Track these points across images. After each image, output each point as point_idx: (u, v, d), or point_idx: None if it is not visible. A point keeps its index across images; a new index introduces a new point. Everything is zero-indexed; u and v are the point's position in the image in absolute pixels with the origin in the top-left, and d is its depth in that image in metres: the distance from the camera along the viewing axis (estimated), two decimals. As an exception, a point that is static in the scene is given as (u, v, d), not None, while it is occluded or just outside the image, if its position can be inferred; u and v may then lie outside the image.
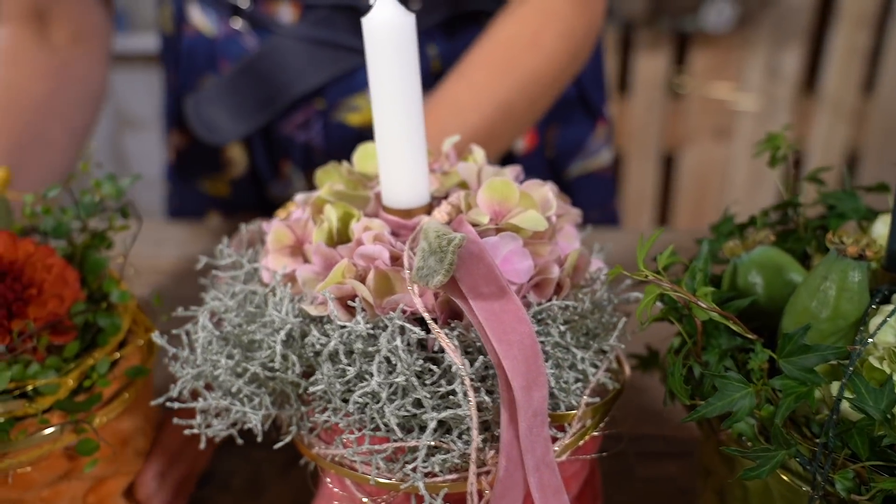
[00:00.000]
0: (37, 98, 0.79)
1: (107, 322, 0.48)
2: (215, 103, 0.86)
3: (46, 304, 0.46)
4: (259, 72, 0.83)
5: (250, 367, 0.41)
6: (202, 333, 0.42)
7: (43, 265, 0.47)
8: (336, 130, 0.86)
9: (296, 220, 0.45)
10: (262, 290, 0.44)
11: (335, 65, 0.81)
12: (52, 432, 0.45)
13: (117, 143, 2.95)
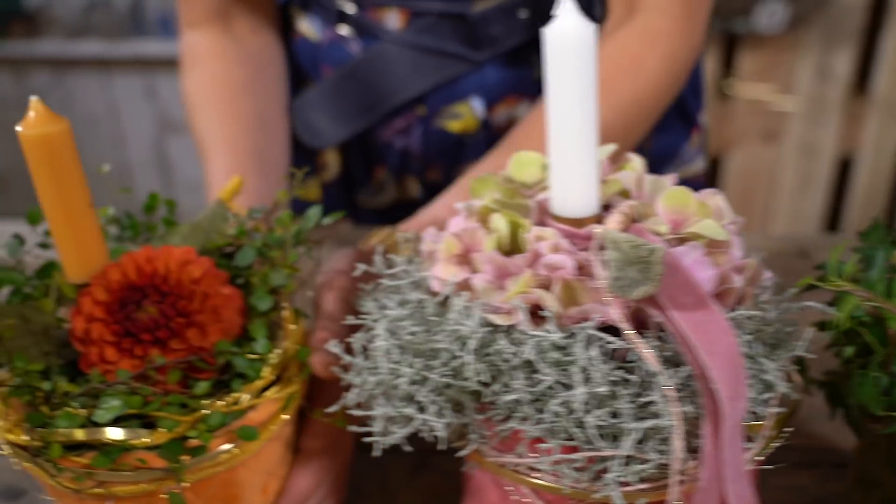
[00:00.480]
0: (245, 83, 0.85)
1: (244, 366, 0.47)
2: (318, 108, 0.87)
3: (191, 336, 0.46)
4: (362, 77, 0.84)
5: (431, 376, 0.42)
6: (382, 342, 0.43)
7: (203, 293, 0.47)
8: (436, 137, 0.86)
9: (464, 230, 0.45)
10: (433, 299, 0.44)
11: (440, 72, 0.82)
12: (155, 472, 0.44)
13: (160, 146, 2.97)
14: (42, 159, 0.46)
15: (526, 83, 0.83)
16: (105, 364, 0.45)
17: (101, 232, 0.49)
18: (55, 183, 0.46)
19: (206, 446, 0.44)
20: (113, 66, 2.85)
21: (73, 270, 0.49)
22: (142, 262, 0.48)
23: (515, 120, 0.85)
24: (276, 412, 0.47)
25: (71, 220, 0.47)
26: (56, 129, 0.45)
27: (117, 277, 0.48)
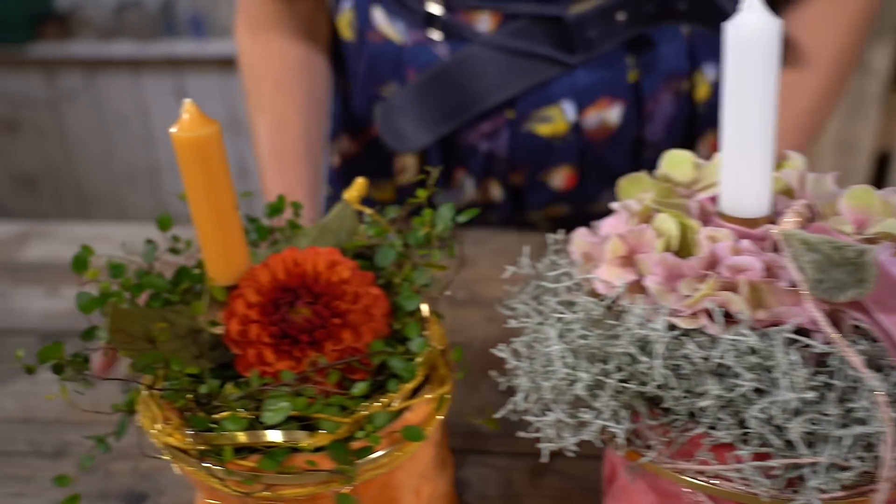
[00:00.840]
0: (301, 59, 0.92)
1: (400, 367, 0.46)
2: (403, 111, 0.86)
3: (345, 337, 0.45)
4: (450, 80, 0.83)
5: (609, 381, 0.41)
6: (556, 346, 0.42)
7: (354, 293, 0.46)
8: (523, 140, 0.85)
9: (631, 231, 0.44)
10: (600, 303, 0.43)
11: (531, 75, 0.81)
12: (321, 475, 0.43)
13: (190, 146, 2.97)
14: (194, 162, 0.45)
15: (619, 86, 0.83)
16: (264, 366, 0.44)
17: (243, 237, 0.48)
18: (206, 185, 0.45)
19: (371, 448, 0.43)
20: (143, 67, 2.85)
21: (220, 273, 0.48)
22: (290, 263, 0.47)
23: (607, 123, 0.84)
24: (430, 413, 0.47)
25: (220, 223, 0.47)
26: (209, 131, 0.44)
27: (267, 279, 0.47)
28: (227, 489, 0.43)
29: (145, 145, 3.00)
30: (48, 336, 0.81)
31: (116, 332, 0.44)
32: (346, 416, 0.44)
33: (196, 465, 0.43)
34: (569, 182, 0.89)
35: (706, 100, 0.87)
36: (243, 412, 0.43)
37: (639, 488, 0.49)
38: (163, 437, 0.44)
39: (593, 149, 0.86)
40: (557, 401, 0.43)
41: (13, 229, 1.04)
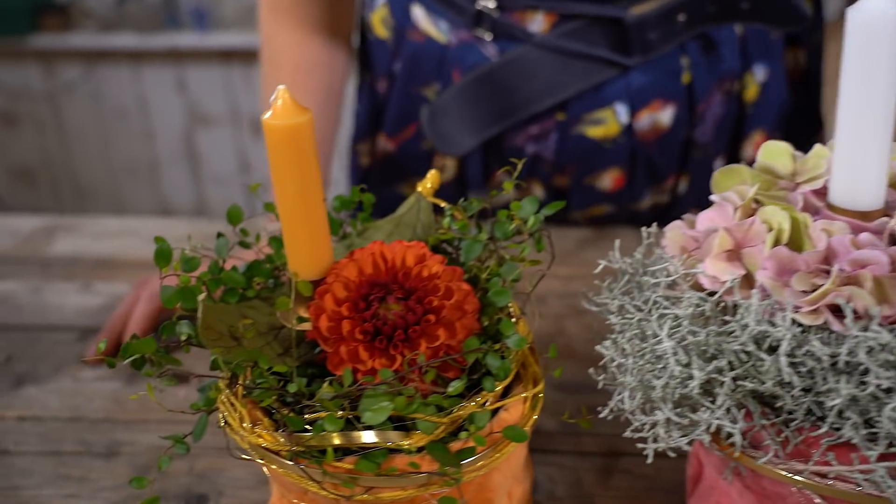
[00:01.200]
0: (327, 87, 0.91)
1: (496, 366, 0.45)
2: (449, 113, 0.83)
3: (440, 334, 0.44)
4: (500, 81, 0.81)
5: (725, 379, 0.39)
6: (667, 343, 0.40)
7: (446, 288, 0.45)
8: (573, 143, 0.83)
9: (738, 225, 0.43)
10: (709, 298, 0.42)
11: (586, 78, 0.79)
12: (420, 477, 0.41)
13: (190, 139, 2.94)
14: (286, 151, 0.43)
15: (673, 87, 0.81)
16: (358, 364, 0.43)
17: (327, 231, 0.46)
18: (296, 176, 0.44)
19: (474, 448, 0.41)
20: (143, 59, 2.82)
21: (304, 267, 0.46)
22: (378, 257, 0.46)
23: (659, 125, 0.83)
24: (526, 412, 0.45)
25: (307, 215, 0.45)
26: (302, 120, 0.42)
27: (354, 274, 0.45)
28: (325, 492, 0.41)
29: (145, 139, 2.96)
30: (88, 332, 0.79)
31: (206, 329, 0.42)
32: (443, 416, 0.42)
33: (292, 467, 0.41)
34: (616, 183, 0.87)
35: (754, 100, 0.86)
36: (338, 412, 0.41)
37: (733, 488, 0.47)
38: (253, 437, 0.42)
39: (643, 150, 0.85)
40: (665, 399, 0.41)
41: (38, 223, 1.02)
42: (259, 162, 2.94)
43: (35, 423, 0.67)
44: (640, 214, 0.93)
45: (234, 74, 2.82)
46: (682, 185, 0.90)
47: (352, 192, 0.55)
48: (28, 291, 0.86)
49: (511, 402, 0.44)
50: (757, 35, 0.82)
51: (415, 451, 0.41)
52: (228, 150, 2.97)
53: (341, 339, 0.43)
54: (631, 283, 0.48)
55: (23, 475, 0.61)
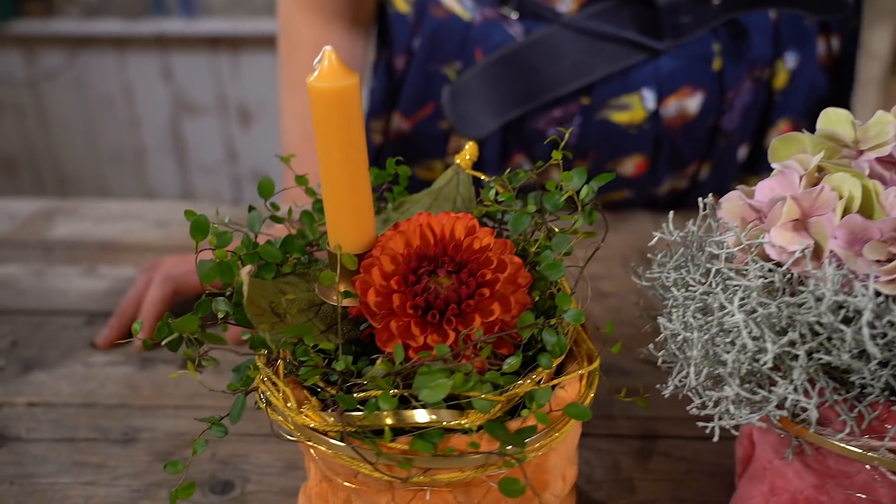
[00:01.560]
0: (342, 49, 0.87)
1: (552, 341, 0.43)
2: (471, 94, 0.81)
3: (495, 309, 0.42)
4: (525, 62, 0.78)
5: (799, 352, 0.38)
6: (738, 315, 0.38)
7: (499, 261, 0.43)
8: (596, 128, 0.81)
9: (806, 193, 0.41)
10: (777, 268, 0.40)
11: (614, 61, 0.76)
12: (477, 458, 0.39)
13: (176, 128, 2.90)
14: (332, 115, 0.41)
15: (703, 74, 0.79)
16: (409, 339, 0.41)
17: (371, 203, 0.44)
18: (342, 142, 0.41)
19: (535, 427, 0.39)
20: (128, 46, 2.76)
21: (348, 240, 0.44)
22: (426, 229, 0.44)
23: (686, 112, 0.81)
24: (582, 390, 0.43)
25: (352, 185, 0.42)
26: (349, 83, 0.40)
27: (401, 246, 0.43)
28: (378, 474, 0.39)
29: (130, 127, 2.91)
30: (95, 316, 0.76)
31: (251, 304, 0.40)
32: (499, 394, 0.40)
33: (344, 448, 0.39)
34: (638, 170, 0.85)
35: (783, 87, 0.84)
36: (392, 390, 0.39)
37: (790, 469, 0.46)
38: (300, 418, 0.40)
39: (668, 137, 0.83)
40: (733, 375, 0.40)
41: (36, 206, 0.98)
42: (246, 151, 2.91)
43: (47, 410, 0.64)
44: (657, 199, 0.91)
45: (222, 62, 2.77)
46: (704, 172, 0.88)
47: (387, 164, 0.52)
48: (30, 275, 0.83)
49: (567, 379, 0.42)
50: (790, 21, 0.80)
51: (472, 431, 0.39)
52: (215, 138, 2.93)
53: (391, 314, 0.41)
54: (684, 256, 0.46)
55: (37, 463, 0.58)
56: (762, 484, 0.49)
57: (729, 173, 0.88)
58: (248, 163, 2.91)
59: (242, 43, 2.70)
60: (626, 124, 0.81)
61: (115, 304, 0.78)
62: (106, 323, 0.73)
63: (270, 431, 0.61)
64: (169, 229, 0.92)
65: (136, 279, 0.75)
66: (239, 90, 2.80)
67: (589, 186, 0.46)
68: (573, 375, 0.43)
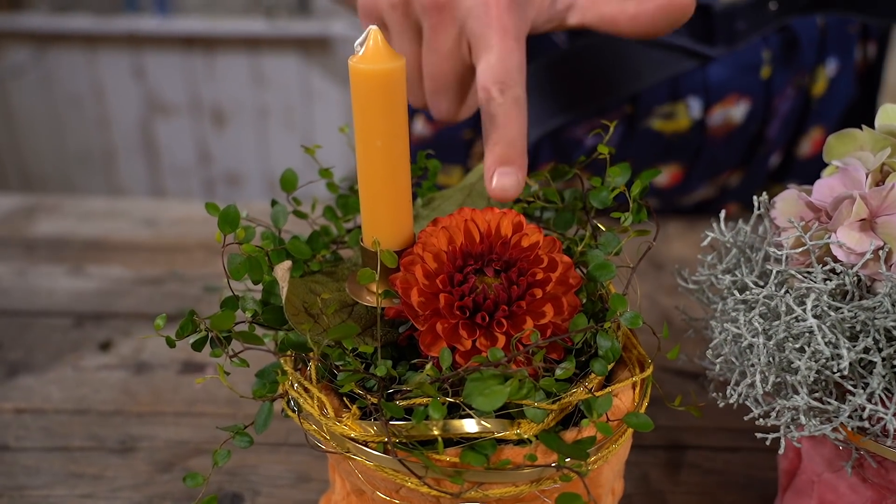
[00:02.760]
0: None
1: (606, 346, 0.40)
2: None
3: (547, 311, 0.39)
4: (569, 70, 0.74)
5: (872, 358, 0.36)
6: (812, 321, 0.36)
7: (550, 260, 0.40)
8: (639, 138, 0.77)
9: (876, 191, 0.39)
10: (849, 270, 0.38)
11: (664, 69, 0.73)
12: (532, 472, 0.37)
13: (147, 128, 2.83)
14: (374, 100, 0.38)
15: (752, 82, 0.76)
16: (457, 343, 0.38)
17: (410, 196, 0.41)
18: (385, 129, 0.38)
19: (595, 439, 0.37)
20: (99, 43, 2.70)
21: (387, 236, 0.41)
22: (471, 225, 0.41)
23: (730, 120, 0.78)
24: (636, 398, 0.40)
25: (393, 176, 0.40)
26: (395, 65, 0.37)
27: (445, 244, 0.40)
28: (426, 489, 0.36)
29: (99, 127, 2.84)
30: (84, 318, 0.72)
31: (289, 304, 0.37)
32: (552, 403, 0.37)
33: (389, 461, 0.36)
34: (673, 180, 0.82)
35: (821, 95, 0.81)
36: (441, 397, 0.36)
37: (843, 483, 0.44)
38: (339, 427, 0.37)
39: (709, 146, 0.79)
40: (802, 383, 0.37)
41: (15, 202, 0.94)
42: (220, 153, 2.85)
43: (36, 416, 0.60)
44: (682, 208, 0.88)
45: (196, 62, 2.72)
46: (734, 180, 0.85)
47: (418, 158, 0.49)
48: (13, 274, 0.79)
49: (620, 387, 0.40)
50: (836, 26, 0.77)
51: (526, 442, 0.37)
52: (187, 140, 2.87)
53: (436, 315, 0.38)
54: (736, 258, 0.44)
55: (29, 474, 0.54)
56: (809, 498, 0.47)
57: (756, 182, 0.85)
58: (221, 165, 2.86)
59: (218, 43, 2.65)
60: (670, 133, 0.77)
61: (105, 304, 0.73)
62: (96, 325, 0.69)
63: (281, 440, 0.57)
64: (157, 228, 0.88)
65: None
66: (213, 91, 2.74)
67: (640, 181, 0.43)
68: (627, 383, 0.40)
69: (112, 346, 0.68)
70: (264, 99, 2.70)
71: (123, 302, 0.74)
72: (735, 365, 0.41)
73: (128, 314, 0.72)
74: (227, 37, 2.61)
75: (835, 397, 0.38)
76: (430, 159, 0.50)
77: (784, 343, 0.38)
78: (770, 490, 0.53)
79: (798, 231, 0.40)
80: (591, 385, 0.39)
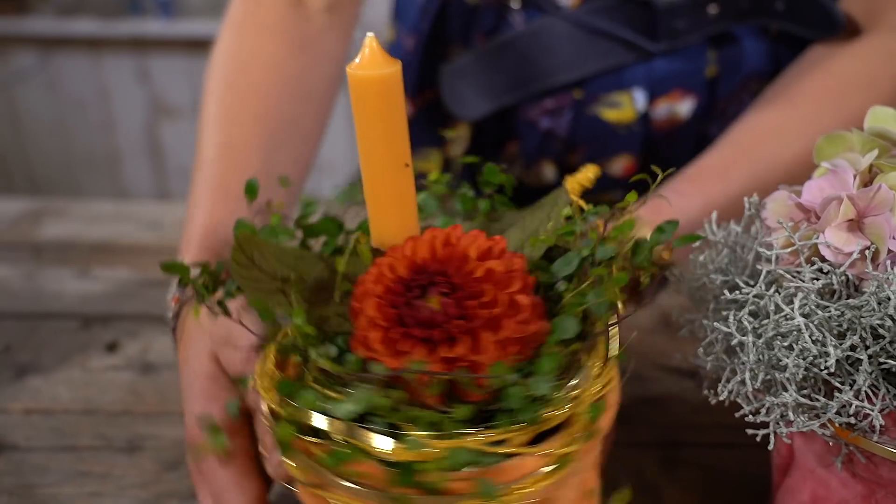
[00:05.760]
0: (291, 76, 0.71)
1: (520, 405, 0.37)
2: (466, 77, 0.81)
3: (463, 346, 0.37)
4: (521, 51, 0.78)
5: (861, 357, 0.36)
6: (799, 319, 0.37)
7: (495, 295, 0.38)
8: (587, 123, 0.81)
9: (863, 192, 0.40)
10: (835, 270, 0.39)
11: (608, 58, 0.77)
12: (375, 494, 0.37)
13: (152, 132, 2.85)
14: (373, 104, 0.39)
15: (696, 79, 0.79)
16: (368, 349, 0.38)
17: (414, 197, 0.42)
18: (383, 132, 0.40)
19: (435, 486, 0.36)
20: (104, 47, 2.71)
21: (378, 234, 0.42)
22: (439, 242, 0.41)
23: (676, 116, 0.81)
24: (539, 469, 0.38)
25: (393, 178, 0.41)
26: (391, 70, 0.39)
27: (408, 254, 0.40)
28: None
29: (104, 131, 2.86)
30: (91, 320, 0.73)
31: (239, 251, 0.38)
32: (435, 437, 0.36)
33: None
34: (626, 171, 0.85)
35: None
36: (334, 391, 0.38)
37: (835, 478, 0.45)
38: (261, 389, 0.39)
39: (656, 140, 0.82)
40: (791, 380, 0.38)
41: (21, 206, 0.95)
42: (225, 155, 2.86)
43: (45, 417, 0.61)
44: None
45: (200, 65, 2.72)
46: None
47: (487, 172, 0.49)
48: (21, 277, 0.80)
49: (525, 454, 0.37)
50: (790, 37, 0.80)
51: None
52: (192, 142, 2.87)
53: (368, 319, 0.39)
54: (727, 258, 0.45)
55: (38, 473, 0.56)
56: (802, 494, 0.48)
57: None
58: (226, 168, 2.87)
59: (222, 46, 2.66)
60: (616, 123, 0.81)
61: (112, 306, 0.75)
62: (103, 327, 0.70)
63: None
64: (163, 231, 0.89)
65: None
66: (217, 94, 2.76)
67: (653, 241, 0.42)
68: (530, 451, 0.37)
69: (119, 347, 0.69)
70: (268, 101, 2.71)
71: (130, 304, 0.76)
72: (726, 363, 0.42)
73: (134, 316, 0.74)
74: (231, 40, 2.62)
75: (823, 394, 0.39)
76: (505, 173, 0.49)
77: (773, 341, 0.39)
78: (765, 486, 0.54)
79: (787, 232, 0.41)
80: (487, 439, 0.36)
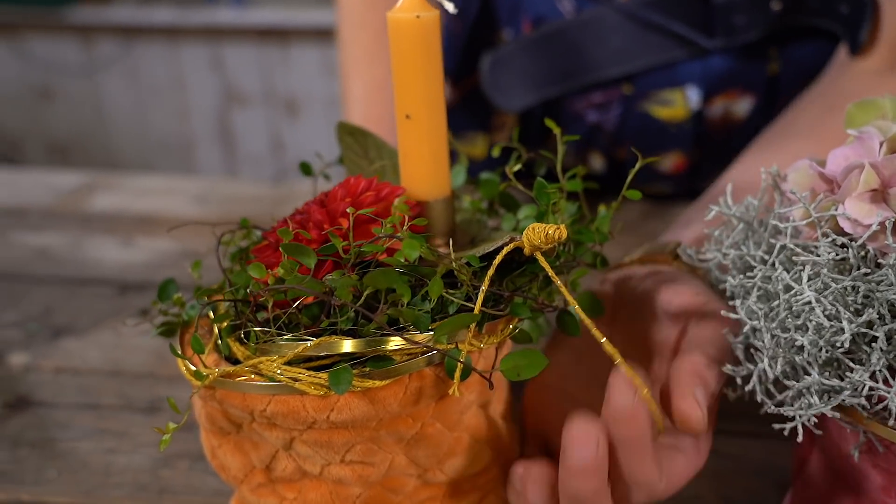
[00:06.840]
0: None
1: None
2: (511, 64, 0.78)
3: None
4: (570, 41, 0.75)
5: (878, 334, 0.34)
6: (809, 293, 0.35)
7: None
8: (636, 120, 0.78)
9: (887, 160, 0.37)
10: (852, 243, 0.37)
11: (660, 53, 0.73)
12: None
13: (224, 119, 2.91)
14: (413, 49, 0.39)
15: (755, 78, 0.75)
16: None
17: (447, 149, 0.42)
18: (424, 79, 0.40)
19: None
20: (180, 35, 2.79)
21: (424, 185, 0.42)
22: (351, 187, 0.41)
23: (732, 115, 0.77)
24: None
25: (432, 126, 0.41)
26: (432, 14, 0.39)
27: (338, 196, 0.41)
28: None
29: (180, 118, 2.94)
30: (127, 287, 0.74)
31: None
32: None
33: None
34: (678, 167, 0.82)
35: None
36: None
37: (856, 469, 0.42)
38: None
39: (711, 139, 0.79)
40: (811, 362, 0.36)
41: (78, 179, 0.98)
42: (293, 143, 2.91)
43: (73, 376, 0.62)
44: (699, 192, 0.87)
45: (270, 53, 2.78)
46: None
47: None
48: (67, 245, 0.82)
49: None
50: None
51: None
52: (262, 130, 2.94)
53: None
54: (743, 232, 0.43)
55: (60, 428, 0.57)
56: (821, 484, 0.45)
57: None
58: (294, 154, 2.91)
59: (292, 35, 2.70)
60: (667, 120, 0.77)
61: (149, 275, 0.76)
62: (139, 294, 0.72)
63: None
64: (210, 205, 0.91)
65: None
66: (287, 82, 2.80)
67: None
68: None
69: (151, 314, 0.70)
70: (336, 89, 2.74)
71: (167, 273, 0.76)
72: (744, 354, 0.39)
73: (170, 284, 0.75)
74: (301, 28, 2.66)
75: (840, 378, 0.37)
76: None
77: (786, 322, 0.36)
78: (786, 477, 0.52)
79: (802, 203, 0.38)
80: None
